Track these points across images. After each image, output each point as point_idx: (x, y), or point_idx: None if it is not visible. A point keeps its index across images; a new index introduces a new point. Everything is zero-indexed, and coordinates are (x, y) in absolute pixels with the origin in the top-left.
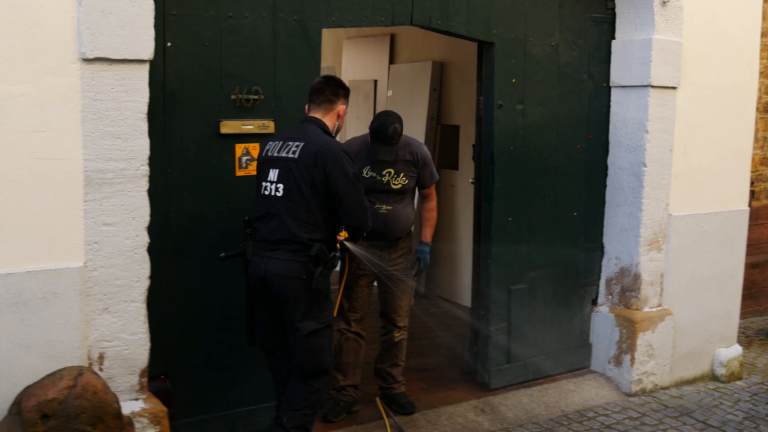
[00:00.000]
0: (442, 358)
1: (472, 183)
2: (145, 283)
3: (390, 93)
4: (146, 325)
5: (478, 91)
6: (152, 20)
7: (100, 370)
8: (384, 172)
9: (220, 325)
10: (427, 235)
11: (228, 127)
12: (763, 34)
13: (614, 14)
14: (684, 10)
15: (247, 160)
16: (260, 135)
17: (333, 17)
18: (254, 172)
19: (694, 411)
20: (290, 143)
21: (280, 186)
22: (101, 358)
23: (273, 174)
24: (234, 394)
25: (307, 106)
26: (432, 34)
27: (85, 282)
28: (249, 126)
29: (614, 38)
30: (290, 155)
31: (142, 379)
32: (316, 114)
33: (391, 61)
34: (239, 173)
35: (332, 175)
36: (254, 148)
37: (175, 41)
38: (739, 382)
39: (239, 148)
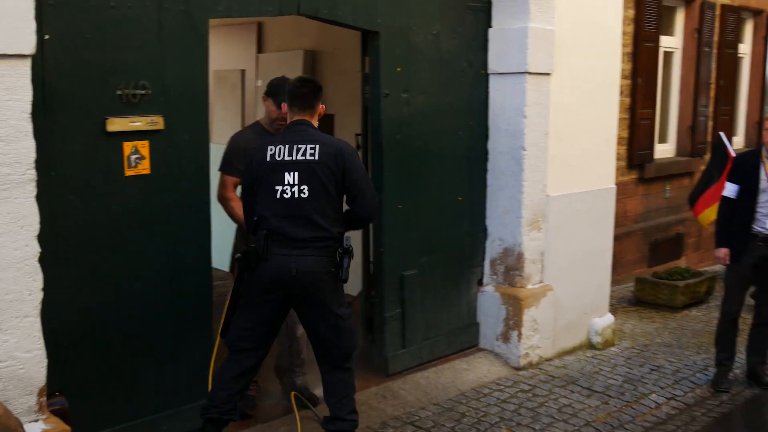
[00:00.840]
0: None
1: None
2: (39, 296)
3: (260, 83)
4: (42, 341)
5: (363, 80)
6: (33, 11)
7: None
8: None
9: (116, 332)
10: None
11: (115, 124)
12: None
13: (490, 3)
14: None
15: (137, 158)
16: (149, 132)
17: (220, 7)
18: (144, 171)
19: (579, 379)
20: (301, 146)
21: (304, 187)
22: None
23: (291, 177)
24: (134, 403)
25: (284, 106)
26: (302, 22)
27: None
28: (137, 123)
29: (491, 26)
30: (309, 157)
31: (41, 399)
32: (305, 117)
33: (259, 50)
34: (128, 173)
35: (351, 171)
36: (143, 146)
37: (54, 33)
38: (613, 348)
39: (127, 147)
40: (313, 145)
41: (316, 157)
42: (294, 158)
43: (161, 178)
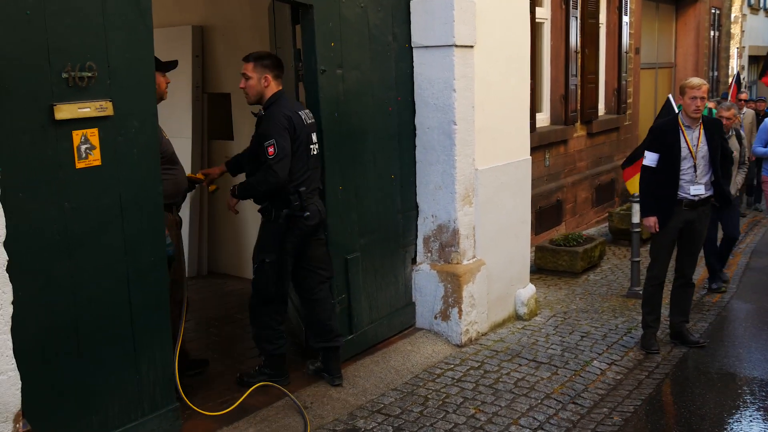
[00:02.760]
0: None
1: None
2: (9, 309)
3: None
4: (14, 361)
5: (295, 56)
6: None
7: None
8: None
9: (72, 343)
10: None
11: (63, 111)
12: None
13: None
14: None
15: (87, 149)
16: (98, 119)
17: None
18: (95, 163)
19: (521, 351)
20: (303, 111)
21: (318, 145)
22: None
23: (314, 137)
24: (98, 418)
25: (269, 76)
26: None
27: None
28: (86, 109)
29: None
30: (311, 120)
31: (17, 425)
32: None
33: None
34: (79, 165)
35: None
36: (93, 134)
37: None
38: (537, 318)
39: (77, 136)
40: (306, 110)
41: (313, 120)
42: (310, 122)
43: (113, 170)
